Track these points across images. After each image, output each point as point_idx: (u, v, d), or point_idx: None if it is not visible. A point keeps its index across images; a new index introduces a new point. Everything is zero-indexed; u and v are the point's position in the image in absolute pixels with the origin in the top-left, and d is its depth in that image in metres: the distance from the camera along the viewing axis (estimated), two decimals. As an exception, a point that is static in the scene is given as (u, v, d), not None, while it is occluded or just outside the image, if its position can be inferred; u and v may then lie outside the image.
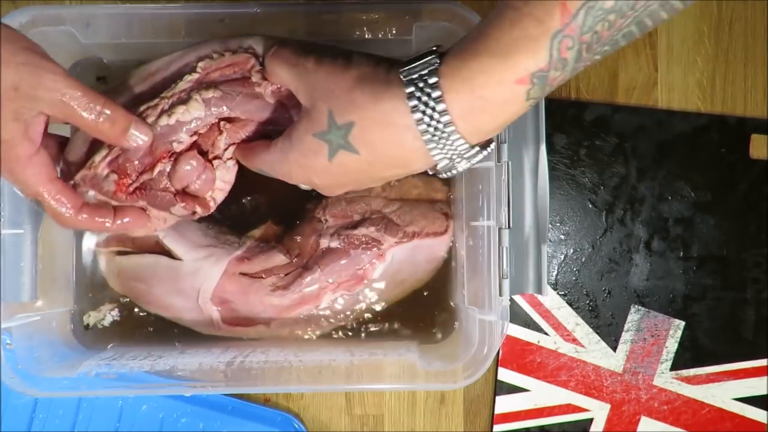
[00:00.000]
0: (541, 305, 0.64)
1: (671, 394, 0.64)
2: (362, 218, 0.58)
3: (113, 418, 0.61)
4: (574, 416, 0.64)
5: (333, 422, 0.64)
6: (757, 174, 0.64)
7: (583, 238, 0.64)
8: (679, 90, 0.65)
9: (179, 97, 0.48)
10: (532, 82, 0.37)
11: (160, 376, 0.54)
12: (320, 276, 0.56)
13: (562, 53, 0.36)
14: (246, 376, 0.53)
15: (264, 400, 0.63)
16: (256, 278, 0.57)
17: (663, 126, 0.64)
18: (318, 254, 0.57)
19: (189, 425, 0.61)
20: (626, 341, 0.64)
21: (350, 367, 0.54)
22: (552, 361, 0.64)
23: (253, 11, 0.53)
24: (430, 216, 0.59)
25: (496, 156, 0.52)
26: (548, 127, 0.55)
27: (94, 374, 0.53)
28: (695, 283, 0.64)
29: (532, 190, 0.52)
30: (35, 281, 0.56)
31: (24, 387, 0.52)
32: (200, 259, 0.56)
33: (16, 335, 0.53)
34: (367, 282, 0.58)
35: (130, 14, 0.54)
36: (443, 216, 0.59)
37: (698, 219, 0.64)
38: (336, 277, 0.57)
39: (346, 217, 0.58)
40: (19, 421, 0.61)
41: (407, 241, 0.57)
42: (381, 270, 0.58)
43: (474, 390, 0.64)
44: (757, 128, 0.64)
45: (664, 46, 0.65)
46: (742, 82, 0.65)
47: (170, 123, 0.47)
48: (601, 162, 0.64)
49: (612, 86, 0.65)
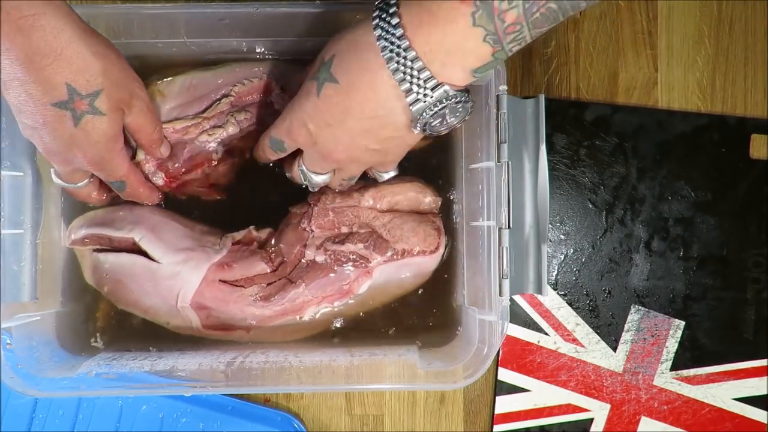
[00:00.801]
0: (541, 305, 0.64)
1: (671, 394, 0.64)
2: (350, 231, 0.56)
3: (113, 418, 0.61)
4: (574, 416, 0.64)
5: (333, 422, 0.64)
6: (757, 174, 0.64)
7: (583, 238, 0.64)
8: (679, 90, 0.65)
9: (218, 119, 0.57)
10: (476, 5, 0.40)
11: (160, 376, 0.54)
12: (304, 290, 0.55)
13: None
14: (246, 377, 0.53)
15: (264, 400, 0.63)
16: (236, 286, 0.56)
17: (663, 126, 0.64)
18: (302, 266, 0.56)
19: (189, 425, 0.61)
20: (626, 341, 0.64)
21: (350, 368, 0.54)
22: (552, 361, 0.64)
23: (253, 11, 0.53)
24: (421, 232, 0.56)
25: (496, 156, 0.52)
26: (548, 127, 0.55)
27: (94, 374, 0.53)
28: (695, 283, 0.64)
29: (532, 190, 0.52)
30: (35, 281, 0.56)
31: (24, 387, 0.52)
32: (179, 263, 0.55)
33: (16, 335, 0.53)
34: (352, 296, 0.57)
35: (130, 14, 0.54)
36: (435, 232, 0.57)
37: (698, 219, 0.64)
38: (321, 292, 0.56)
39: (333, 229, 0.56)
40: (19, 421, 0.61)
41: (397, 259, 0.56)
42: (366, 286, 0.57)
43: (474, 390, 0.64)
44: (757, 128, 0.64)
45: (664, 46, 0.65)
46: (742, 82, 0.65)
47: (209, 140, 0.57)
48: (601, 162, 0.64)
49: (612, 86, 0.65)
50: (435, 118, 0.45)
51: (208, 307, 0.56)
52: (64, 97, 0.45)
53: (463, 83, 0.44)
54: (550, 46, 0.65)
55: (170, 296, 0.55)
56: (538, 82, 0.65)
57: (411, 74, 0.43)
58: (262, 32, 0.56)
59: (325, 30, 0.55)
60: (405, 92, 0.44)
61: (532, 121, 0.52)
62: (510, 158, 0.52)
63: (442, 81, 0.43)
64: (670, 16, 0.65)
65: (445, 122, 0.46)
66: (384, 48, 0.43)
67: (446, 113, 0.45)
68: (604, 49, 0.65)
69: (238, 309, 0.56)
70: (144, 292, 0.56)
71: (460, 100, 0.45)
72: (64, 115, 0.45)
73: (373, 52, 0.44)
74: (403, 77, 0.43)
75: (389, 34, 0.43)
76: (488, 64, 0.43)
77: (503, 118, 0.52)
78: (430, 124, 0.46)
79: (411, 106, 0.44)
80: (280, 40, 0.57)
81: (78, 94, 0.45)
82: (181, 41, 0.56)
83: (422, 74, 0.43)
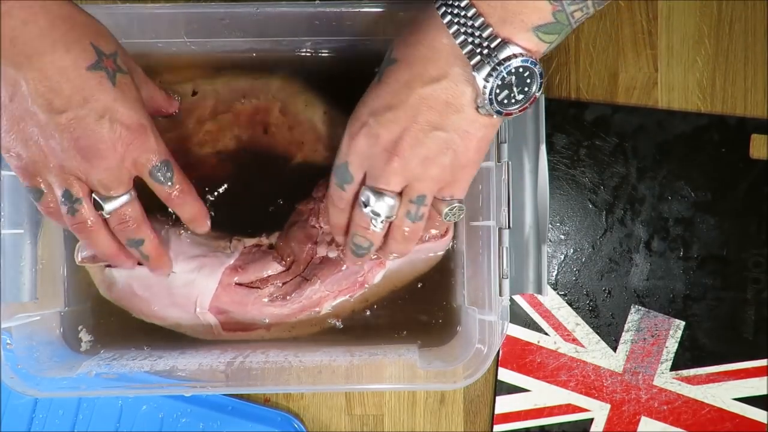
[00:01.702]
0: (541, 305, 0.64)
1: (671, 394, 0.64)
2: None
3: (113, 418, 0.61)
4: (574, 416, 0.64)
5: (333, 422, 0.64)
6: (757, 174, 0.64)
7: (583, 238, 0.64)
8: (679, 90, 0.65)
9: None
10: None
11: (160, 376, 0.54)
12: (320, 287, 0.56)
13: None
14: (246, 377, 0.53)
15: (264, 400, 0.63)
16: (252, 288, 0.56)
17: (663, 126, 0.64)
18: (315, 262, 0.56)
19: (189, 425, 0.61)
20: (626, 341, 0.64)
21: (350, 367, 0.54)
22: (552, 361, 0.64)
23: (253, 11, 0.53)
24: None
25: (496, 156, 0.52)
26: (548, 127, 0.55)
27: (94, 374, 0.53)
28: (695, 283, 0.64)
29: (532, 190, 0.52)
30: (35, 281, 0.56)
31: (24, 387, 0.52)
32: (193, 270, 0.55)
33: (16, 335, 0.53)
34: (367, 286, 0.58)
35: (130, 14, 0.54)
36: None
37: (698, 219, 0.64)
38: (336, 286, 0.57)
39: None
40: (19, 421, 0.61)
41: None
42: (381, 275, 0.58)
43: (474, 390, 0.64)
44: (757, 128, 0.64)
45: (664, 46, 0.65)
46: (742, 82, 0.65)
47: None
48: (601, 162, 0.64)
49: (612, 86, 0.65)
50: (501, 88, 0.42)
51: (227, 311, 0.56)
52: (94, 57, 0.44)
53: (529, 45, 0.42)
54: (550, 46, 0.65)
55: (188, 304, 0.56)
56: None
57: (472, 33, 0.41)
58: (262, 32, 0.56)
59: (324, 30, 0.55)
60: (468, 54, 0.41)
61: (532, 121, 0.52)
62: (510, 158, 0.52)
63: (506, 37, 0.41)
64: (670, 16, 0.65)
65: (514, 97, 0.43)
66: (444, 13, 0.41)
67: (513, 83, 0.42)
68: (604, 49, 0.65)
69: (256, 310, 0.56)
70: (161, 303, 0.56)
71: (528, 64, 0.41)
72: (102, 75, 0.44)
73: (433, 18, 0.42)
74: (465, 38, 0.41)
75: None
76: (551, 26, 0.41)
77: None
78: (497, 97, 0.42)
79: (475, 71, 0.41)
80: (280, 40, 0.57)
81: (103, 53, 0.44)
82: (181, 41, 0.56)
83: (484, 32, 0.41)
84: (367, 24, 0.54)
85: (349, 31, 0.55)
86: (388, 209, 0.46)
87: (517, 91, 0.42)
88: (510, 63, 0.41)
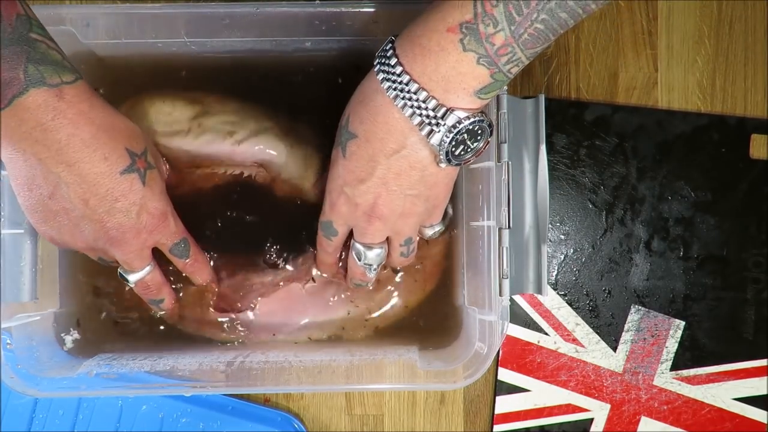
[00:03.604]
0: (541, 305, 0.64)
1: (671, 394, 0.64)
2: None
3: (113, 418, 0.61)
4: (574, 416, 0.64)
5: (333, 422, 0.64)
6: (757, 174, 0.64)
7: (583, 238, 0.64)
8: (679, 90, 0.65)
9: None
10: (462, 32, 0.42)
11: (160, 376, 0.54)
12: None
13: (487, 9, 0.41)
14: (246, 377, 0.53)
15: (264, 400, 0.63)
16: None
17: (663, 126, 0.64)
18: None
19: (189, 425, 0.61)
20: (626, 341, 0.64)
21: (350, 367, 0.54)
22: (552, 361, 0.64)
23: (253, 11, 0.53)
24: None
25: (496, 156, 0.52)
26: (548, 127, 0.55)
27: (94, 374, 0.53)
28: (695, 283, 0.64)
29: (532, 190, 0.52)
30: (35, 281, 0.56)
31: (24, 387, 0.52)
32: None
33: (16, 335, 0.53)
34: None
35: (130, 14, 0.54)
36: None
37: (698, 219, 0.64)
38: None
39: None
40: (19, 421, 0.61)
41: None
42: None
43: (474, 390, 0.64)
44: (757, 128, 0.64)
45: (664, 46, 0.65)
46: (742, 82, 0.65)
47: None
48: (601, 162, 0.64)
49: (612, 86, 0.65)
50: (455, 146, 0.45)
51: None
52: (128, 161, 0.48)
53: (473, 106, 0.44)
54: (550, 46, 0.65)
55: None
56: (538, 82, 0.65)
57: (418, 106, 0.44)
58: (262, 32, 0.56)
59: (325, 30, 0.55)
60: (418, 126, 0.45)
61: (532, 121, 0.52)
62: (510, 158, 0.52)
63: (451, 107, 0.44)
64: (670, 16, 0.65)
65: (469, 148, 0.46)
66: (389, 88, 0.44)
67: (465, 138, 0.45)
68: (604, 49, 0.65)
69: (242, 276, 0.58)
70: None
71: (476, 122, 0.45)
72: (134, 178, 0.49)
73: (380, 95, 0.45)
74: (412, 111, 0.44)
75: (390, 74, 0.44)
76: (491, 86, 0.44)
77: (503, 118, 0.52)
78: (453, 153, 0.46)
79: (428, 138, 0.45)
80: (280, 40, 0.57)
81: (135, 154, 0.49)
82: (181, 41, 0.56)
83: (429, 103, 0.44)
84: (367, 24, 0.54)
85: (349, 31, 0.55)
86: (379, 258, 0.53)
87: (470, 143, 0.46)
88: (460, 126, 0.44)
